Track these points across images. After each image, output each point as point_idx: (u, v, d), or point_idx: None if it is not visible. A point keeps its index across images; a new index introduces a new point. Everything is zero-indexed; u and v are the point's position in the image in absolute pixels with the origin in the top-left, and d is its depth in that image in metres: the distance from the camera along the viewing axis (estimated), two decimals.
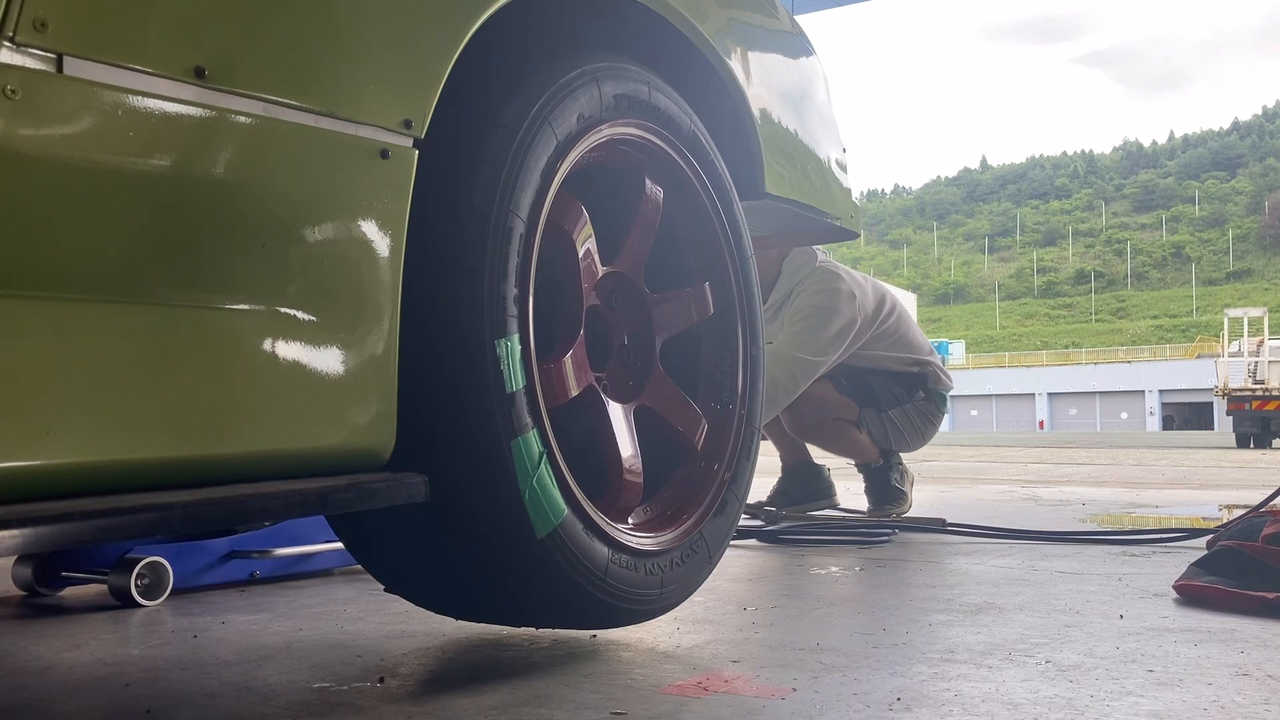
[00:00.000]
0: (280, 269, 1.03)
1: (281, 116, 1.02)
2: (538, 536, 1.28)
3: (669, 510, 1.59)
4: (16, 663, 1.46)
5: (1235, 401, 19.35)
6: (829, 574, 2.25)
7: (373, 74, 1.12)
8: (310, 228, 1.06)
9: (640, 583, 1.44)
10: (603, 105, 1.43)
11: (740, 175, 1.75)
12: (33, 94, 0.84)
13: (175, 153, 0.94)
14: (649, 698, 1.23)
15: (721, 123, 1.72)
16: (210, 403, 0.97)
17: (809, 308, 3.33)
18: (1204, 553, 2.10)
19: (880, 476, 3.53)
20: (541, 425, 1.30)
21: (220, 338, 0.99)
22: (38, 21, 0.83)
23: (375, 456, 1.14)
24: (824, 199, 2.01)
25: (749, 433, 1.70)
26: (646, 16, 1.53)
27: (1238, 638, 1.58)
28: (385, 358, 1.13)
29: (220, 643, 1.57)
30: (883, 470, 3.52)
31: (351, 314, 1.10)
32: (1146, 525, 3.11)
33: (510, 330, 1.26)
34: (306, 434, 1.06)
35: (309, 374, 1.06)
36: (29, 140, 0.84)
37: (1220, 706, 1.21)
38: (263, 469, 1.03)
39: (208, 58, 0.95)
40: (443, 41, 1.19)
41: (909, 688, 1.28)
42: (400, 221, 1.14)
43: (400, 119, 1.14)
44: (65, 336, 0.88)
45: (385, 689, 1.30)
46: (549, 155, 1.34)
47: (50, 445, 0.86)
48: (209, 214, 0.98)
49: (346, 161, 1.09)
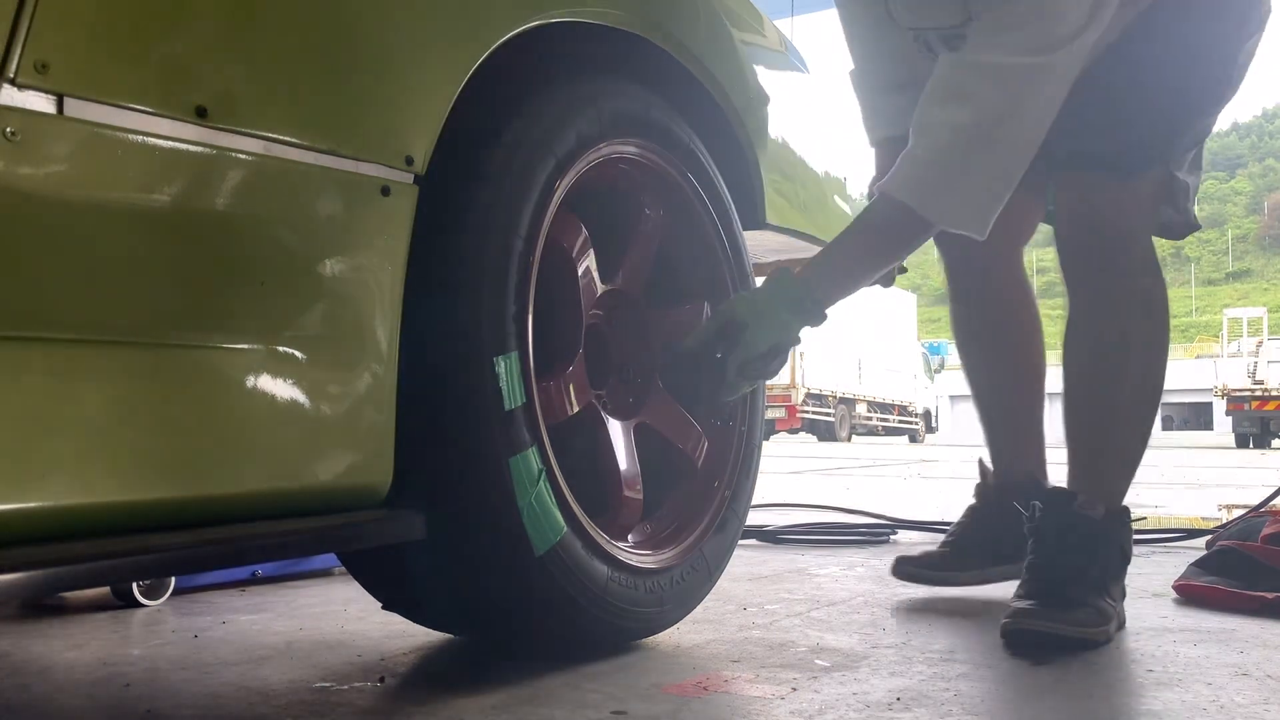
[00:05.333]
0: (279, 308, 1.03)
1: (283, 155, 1.02)
2: (537, 554, 1.28)
3: (669, 528, 1.59)
4: (17, 662, 1.46)
5: (1235, 402, 19.38)
6: (829, 574, 2.25)
7: (375, 112, 1.12)
8: (310, 266, 1.06)
9: (640, 601, 1.44)
10: (602, 124, 1.44)
11: (740, 205, 1.76)
12: (33, 135, 0.84)
13: (176, 193, 0.94)
14: (649, 697, 1.23)
15: (720, 152, 1.72)
16: (207, 443, 0.97)
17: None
18: (1204, 553, 2.10)
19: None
20: (540, 443, 1.30)
21: (217, 378, 0.99)
22: (39, 63, 0.83)
23: (373, 494, 1.14)
24: (824, 226, 2.02)
25: (750, 450, 1.71)
26: (646, 48, 1.53)
27: (1238, 638, 1.58)
28: (383, 395, 1.13)
29: (221, 643, 1.57)
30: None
31: (350, 352, 1.10)
32: (1146, 525, 3.11)
33: (509, 347, 1.26)
34: (304, 473, 1.06)
35: (307, 413, 1.06)
36: (29, 181, 0.84)
37: (1220, 706, 1.21)
38: (259, 508, 1.03)
39: (209, 97, 0.95)
40: (445, 80, 1.20)
41: (909, 687, 1.28)
42: (400, 257, 1.14)
43: (402, 156, 1.14)
44: (62, 378, 0.87)
45: (385, 689, 1.30)
46: (548, 173, 1.34)
47: (46, 487, 0.86)
48: (208, 254, 0.98)
49: (348, 199, 1.09)
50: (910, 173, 1.52)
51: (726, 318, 1.53)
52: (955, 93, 1.50)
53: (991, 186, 1.51)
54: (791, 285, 1.54)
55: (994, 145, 1.48)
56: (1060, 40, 1.44)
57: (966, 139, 1.49)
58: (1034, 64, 1.45)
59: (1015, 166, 1.51)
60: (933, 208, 1.52)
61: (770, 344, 1.52)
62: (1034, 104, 1.48)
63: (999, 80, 1.47)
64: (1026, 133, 1.49)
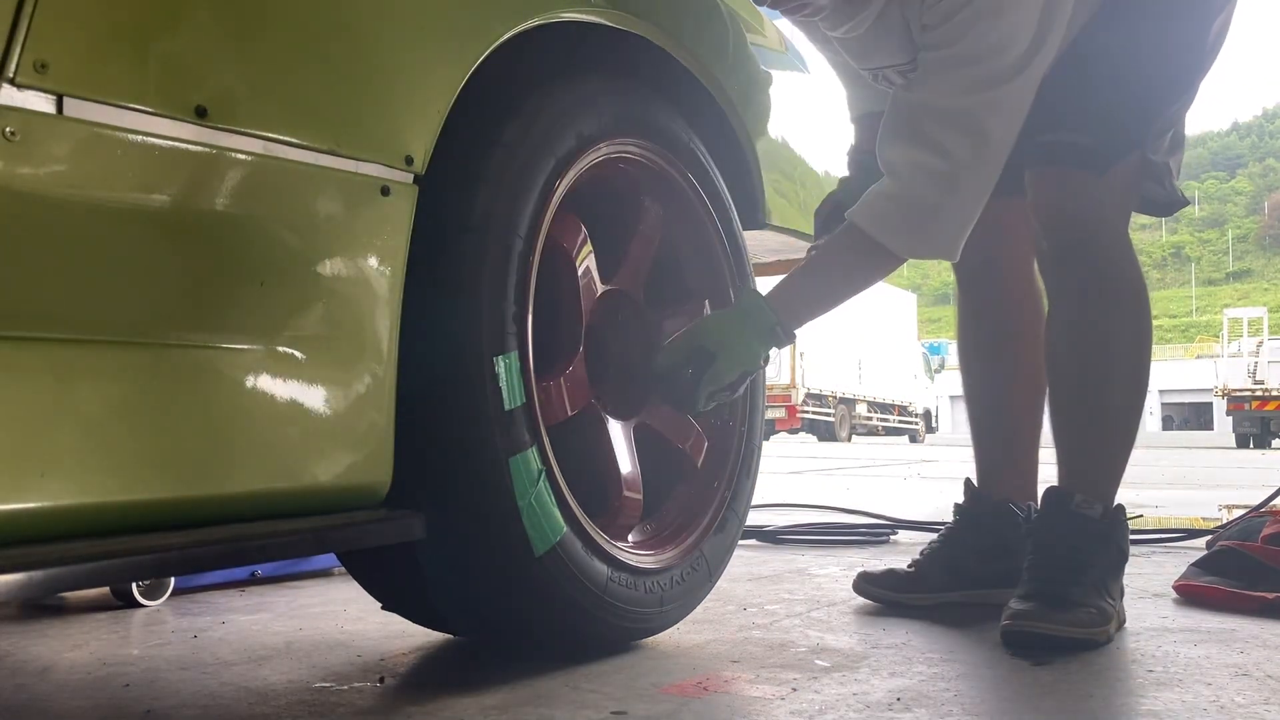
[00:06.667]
0: (279, 308, 1.03)
1: (283, 155, 1.02)
2: (536, 554, 1.28)
3: (669, 528, 1.59)
4: (16, 663, 1.46)
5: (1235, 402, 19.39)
6: (829, 574, 2.25)
7: (374, 112, 1.12)
8: (309, 266, 1.06)
9: (640, 601, 1.44)
10: (602, 124, 1.44)
11: (740, 205, 1.76)
12: (33, 135, 0.84)
13: (176, 192, 0.94)
14: (649, 697, 1.23)
15: (720, 152, 1.72)
16: (206, 443, 0.97)
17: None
18: (1204, 553, 2.10)
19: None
20: (540, 443, 1.30)
21: (217, 378, 0.99)
22: (38, 63, 0.83)
23: (372, 493, 1.14)
24: None
25: (750, 450, 1.71)
26: (646, 48, 1.53)
27: (1238, 638, 1.58)
28: (383, 395, 1.13)
29: (221, 643, 1.57)
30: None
31: (349, 352, 1.10)
32: (1146, 525, 3.11)
33: (509, 347, 1.26)
34: (303, 473, 1.06)
35: (306, 413, 1.06)
36: (29, 181, 0.84)
37: (1220, 706, 1.21)
38: (259, 508, 1.03)
39: (209, 97, 0.95)
40: (444, 80, 1.20)
41: (909, 688, 1.28)
42: (400, 257, 1.14)
43: (402, 156, 1.14)
44: (62, 377, 0.87)
45: (385, 689, 1.30)
46: (548, 173, 1.34)
47: (46, 487, 0.85)
48: (208, 253, 0.98)
49: (347, 199, 1.09)
50: (880, 208, 1.54)
51: (697, 344, 1.53)
52: (919, 135, 1.52)
53: (962, 219, 1.54)
54: (762, 314, 1.55)
55: (961, 188, 1.52)
56: (1011, 71, 1.47)
57: (934, 184, 1.51)
58: (990, 99, 1.48)
59: (984, 193, 1.54)
60: (902, 244, 1.55)
61: (739, 372, 1.55)
62: (998, 136, 1.50)
63: (963, 128, 1.49)
64: (991, 164, 1.52)
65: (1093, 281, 1.66)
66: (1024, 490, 1.90)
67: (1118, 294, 1.66)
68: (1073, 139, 1.61)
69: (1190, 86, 1.66)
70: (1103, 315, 1.65)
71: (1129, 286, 1.67)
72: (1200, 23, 1.64)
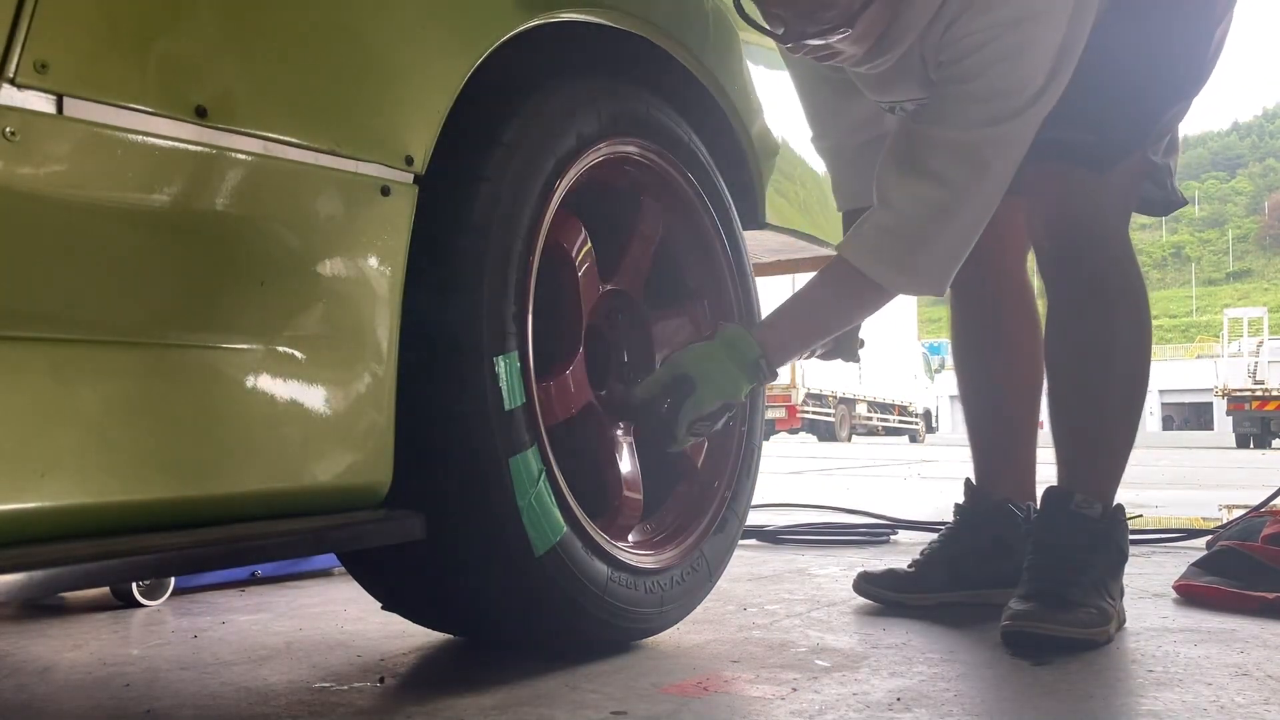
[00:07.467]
0: (279, 308, 1.03)
1: (283, 155, 1.02)
2: (536, 554, 1.28)
3: (669, 528, 1.59)
4: (17, 663, 1.46)
5: (1235, 402, 19.39)
6: (829, 574, 2.25)
7: (374, 112, 1.12)
8: (309, 266, 1.06)
9: (640, 601, 1.44)
10: (602, 124, 1.44)
11: (740, 205, 1.76)
12: (33, 135, 0.84)
13: (176, 192, 0.94)
14: (649, 697, 1.23)
15: (720, 152, 1.72)
16: (206, 443, 0.97)
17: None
18: (1204, 553, 2.10)
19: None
20: (540, 443, 1.30)
21: (217, 378, 0.99)
22: (39, 63, 0.83)
23: (372, 494, 1.14)
24: (824, 226, 2.02)
25: (750, 450, 1.71)
26: (646, 48, 1.53)
27: (1238, 638, 1.58)
28: (383, 395, 1.13)
29: (221, 643, 1.57)
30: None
31: (349, 352, 1.10)
32: (1146, 525, 3.11)
33: (509, 347, 1.26)
34: (303, 473, 1.06)
35: (306, 413, 1.06)
36: (29, 181, 0.84)
37: (1220, 706, 1.21)
38: (259, 508, 1.03)
39: (209, 97, 0.95)
40: (445, 79, 1.20)
41: (909, 688, 1.28)
42: (400, 257, 1.14)
43: (402, 156, 1.14)
44: (61, 377, 0.87)
45: (385, 689, 1.30)
46: (548, 173, 1.34)
47: (46, 487, 0.85)
48: (208, 253, 0.98)
49: (347, 199, 1.09)
50: (872, 241, 1.52)
51: (678, 372, 1.50)
52: (920, 166, 1.50)
53: (952, 253, 1.52)
54: (747, 347, 1.51)
55: (956, 219, 1.50)
56: (1021, 108, 1.45)
57: (930, 214, 1.49)
58: (996, 134, 1.47)
59: (977, 227, 1.52)
60: (891, 279, 1.52)
61: (720, 403, 1.51)
62: (998, 168, 1.48)
63: (965, 157, 1.47)
64: (988, 196, 1.50)
65: (1093, 281, 1.66)
66: (1023, 490, 1.90)
67: (1118, 294, 1.65)
68: (1075, 137, 1.61)
69: (1192, 90, 1.67)
70: (1102, 315, 1.65)
71: (1129, 286, 1.67)
72: (1204, 26, 1.64)
